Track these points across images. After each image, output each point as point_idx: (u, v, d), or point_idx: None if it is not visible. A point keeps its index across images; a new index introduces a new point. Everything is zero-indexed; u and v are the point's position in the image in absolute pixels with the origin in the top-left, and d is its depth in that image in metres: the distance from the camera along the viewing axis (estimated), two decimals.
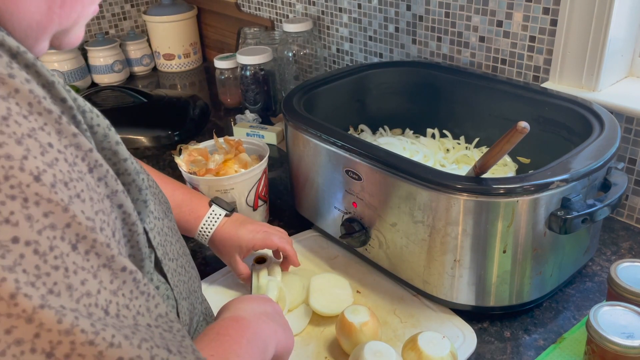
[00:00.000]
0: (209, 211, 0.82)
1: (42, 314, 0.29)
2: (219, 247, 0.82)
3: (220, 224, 0.82)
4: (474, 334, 0.72)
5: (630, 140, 0.91)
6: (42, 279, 0.30)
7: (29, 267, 0.30)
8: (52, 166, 0.32)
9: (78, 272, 0.32)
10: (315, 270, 0.87)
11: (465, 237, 0.70)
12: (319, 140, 0.83)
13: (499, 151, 0.68)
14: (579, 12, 0.90)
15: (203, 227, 0.81)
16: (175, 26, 1.82)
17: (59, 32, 0.41)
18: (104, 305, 0.33)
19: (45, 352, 0.30)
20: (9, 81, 0.31)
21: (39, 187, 0.31)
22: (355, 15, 1.33)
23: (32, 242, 0.30)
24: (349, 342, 0.69)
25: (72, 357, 0.30)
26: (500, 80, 0.97)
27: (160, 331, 0.37)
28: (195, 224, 0.82)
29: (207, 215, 0.82)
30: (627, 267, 0.70)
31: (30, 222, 0.30)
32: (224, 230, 0.81)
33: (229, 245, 0.81)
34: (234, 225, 0.82)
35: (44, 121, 0.32)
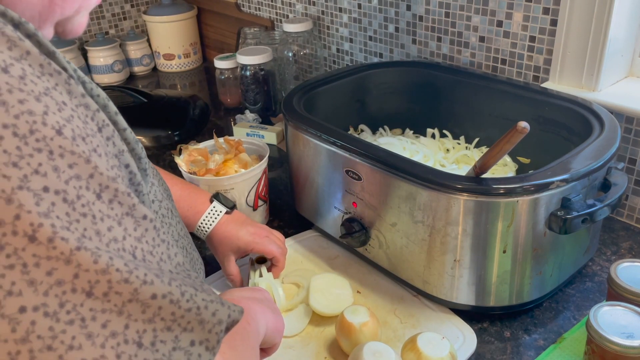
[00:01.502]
0: (209, 207, 0.82)
1: (79, 256, 0.31)
2: (216, 244, 0.82)
3: (220, 222, 0.81)
4: (474, 335, 0.72)
5: (630, 140, 0.91)
6: (74, 225, 0.32)
7: (61, 214, 0.31)
8: (70, 122, 0.33)
9: (104, 220, 0.34)
10: (315, 271, 0.87)
11: (465, 237, 0.70)
12: (319, 140, 0.83)
13: (499, 151, 0.68)
14: (579, 12, 0.90)
15: (202, 223, 0.81)
16: (175, 26, 1.82)
17: (62, 20, 0.41)
18: (131, 251, 0.35)
19: (86, 292, 0.31)
20: (21, 44, 0.32)
21: (61, 140, 0.32)
22: (355, 15, 1.33)
23: (61, 191, 0.32)
24: (349, 342, 0.69)
25: (110, 294, 0.32)
26: (500, 80, 0.97)
27: (182, 276, 0.39)
28: (195, 219, 0.81)
29: (207, 211, 0.81)
30: (627, 267, 0.70)
31: (57, 172, 0.32)
32: (224, 228, 0.81)
33: (226, 244, 0.81)
34: (234, 225, 0.82)
35: (55, 82, 0.34)
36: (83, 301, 0.31)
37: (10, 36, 0.32)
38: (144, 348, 0.34)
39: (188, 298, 0.37)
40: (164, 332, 0.35)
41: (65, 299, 0.31)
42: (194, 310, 0.37)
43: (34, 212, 0.30)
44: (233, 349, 0.46)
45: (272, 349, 0.61)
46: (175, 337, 0.36)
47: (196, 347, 0.37)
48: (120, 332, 0.33)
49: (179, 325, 0.36)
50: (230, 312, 0.41)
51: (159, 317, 0.35)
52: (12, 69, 0.31)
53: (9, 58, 0.32)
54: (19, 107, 0.31)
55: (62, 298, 0.31)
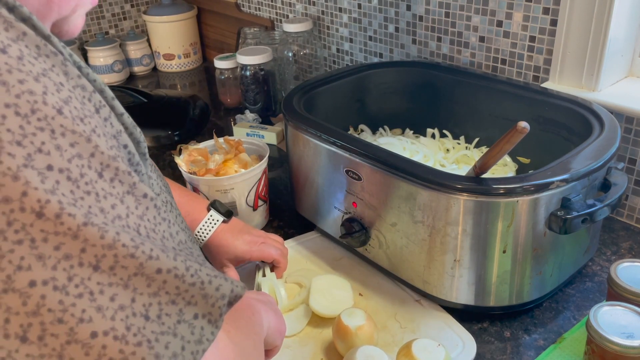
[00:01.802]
0: (206, 216, 0.81)
1: (86, 231, 0.32)
2: (213, 253, 0.82)
3: (216, 231, 0.81)
4: (474, 343, 0.72)
5: (630, 140, 0.91)
6: (80, 202, 0.32)
7: (66, 191, 0.32)
8: (68, 103, 0.34)
9: (107, 197, 0.34)
10: (318, 272, 0.86)
11: (465, 237, 0.70)
12: (319, 140, 0.83)
13: (499, 151, 0.68)
14: (579, 12, 0.90)
15: (199, 232, 0.81)
16: (175, 26, 1.82)
17: (59, 21, 0.41)
18: (135, 227, 0.35)
19: (92, 265, 0.32)
20: (17, 25, 0.33)
21: (62, 119, 0.33)
22: (355, 15, 1.33)
23: (65, 170, 0.32)
24: (344, 345, 0.69)
25: (116, 269, 0.33)
26: (500, 80, 0.97)
27: (185, 253, 0.39)
28: (192, 226, 0.81)
29: (204, 220, 0.81)
30: (627, 267, 0.70)
31: (60, 151, 0.32)
32: (220, 237, 0.81)
33: (223, 252, 0.81)
34: (231, 234, 0.81)
35: (52, 63, 0.34)
36: (90, 275, 0.32)
37: (7, 17, 0.32)
38: (151, 321, 0.34)
39: (192, 273, 0.37)
40: (168, 305, 0.36)
41: (74, 273, 0.31)
42: (198, 284, 0.38)
43: (40, 189, 0.30)
44: (238, 329, 0.46)
45: (273, 351, 0.60)
46: (180, 311, 0.36)
47: (199, 320, 0.38)
48: (127, 305, 0.33)
49: (183, 299, 0.37)
50: (233, 287, 0.41)
51: (164, 291, 0.35)
52: (10, 49, 0.32)
53: (6, 39, 0.32)
54: (20, 87, 0.31)
55: (70, 272, 0.31)
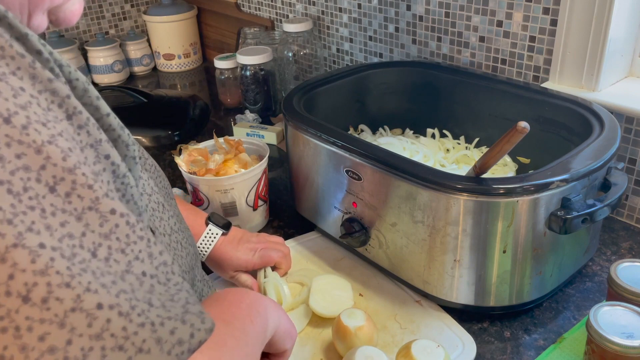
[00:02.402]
0: (205, 230, 0.81)
1: (14, 253, 0.29)
2: (216, 266, 0.82)
3: (217, 244, 0.81)
4: (474, 344, 0.72)
5: (630, 140, 0.91)
6: (20, 217, 0.30)
7: (5, 204, 0.29)
8: (26, 108, 0.31)
9: (57, 214, 0.31)
10: (319, 273, 0.86)
11: (465, 237, 0.70)
12: (319, 140, 0.83)
13: (499, 151, 0.68)
14: (579, 12, 0.90)
15: (200, 247, 0.81)
16: (175, 26, 1.82)
17: (54, 9, 0.40)
18: (91, 248, 0.32)
19: (22, 296, 0.29)
20: None
21: (9, 129, 0.30)
22: (355, 15, 1.33)
23: (5, 182, 0.30)
24: (344, 345, 0.69)
25: (49, 301, 0.30)
26: (500, 80, 0.97)
27: (153, 282, 0.35)
28: None
29: (203, 235, 0.81)
30: (627, 267, 0.70)
31: (2, 162, 0.30)
32: (221, 250, 0.81)
33: (226, 265, 0.81)
34: (231, 245, 0.81)
35: (17, 65, 0.32)
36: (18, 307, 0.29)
37: None
38: None
39: (139, 312, 0.33)
40: (114, 352, 0.31)
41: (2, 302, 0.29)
42: (148, 325, 0.33)
43: None
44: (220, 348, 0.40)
45: (282, 356, 0.55)
46: None
47: None
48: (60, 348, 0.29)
49: (133, 344, 0.32)
50: (193, 330, 0.36)
51: (108, 333, 0.31)
52: None
53: None
54: None
55: None
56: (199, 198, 0.94)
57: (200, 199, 0.94)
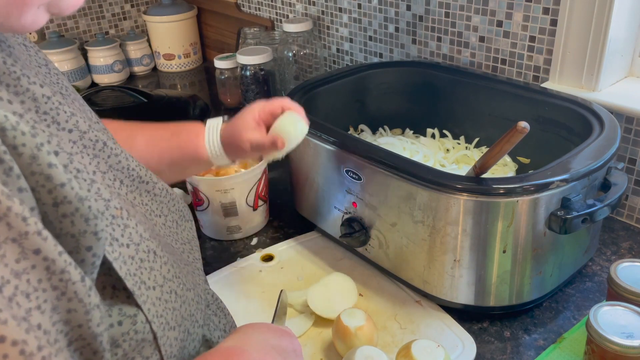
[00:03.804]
0: (206, 125, 0.76)
1: None
2: (233, 143, 0.74)
3: (222, 130, 0.75)
4: (474, 344, 0.72)
5: (630, 140, 0.91)
6: None
7: None
8: None
9: None
10: (319, 273, 0.86)
11: (465, 237, 0.70)
12: (319, 140, 0.83)
13: (499, 151, 0.68)
14: (579, 12, 0.90)
15: (209, 145, 0.74)
16: (175, 26, 1.82)
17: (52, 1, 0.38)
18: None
19: None
20: None
21: None
22: (355, 15, 1.33)
23: None
24: (344, 345, 0.69)
25: None
26: (500, 80, 0.97)
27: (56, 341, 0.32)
28: (198, 142, 0.74)
29: (206, 134, 0.75)
30: (627, 267, 0.70)
31: None
32: (229, 128, 0.75)
33: (240, 128, 0.73)
34: (233, 120, 0.76)
35: None
36: None
37: None
38: None
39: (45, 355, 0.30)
40: None
41: None
42: None
43: None
44: None
45: None
46: None
47: None
48: None
49: None
50: None
51: None
52: None
53: None
54: None
55: None
56: (199, 198, 0.94)
57: (200, 199, 0.94)
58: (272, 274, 0.88)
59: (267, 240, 0.97)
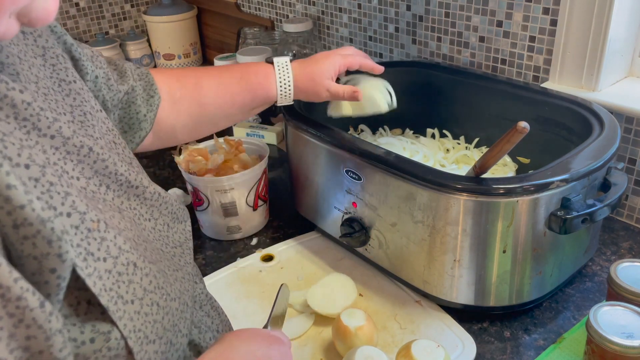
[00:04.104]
0: (275, 65, 0.80)
1: None
2: (308, 88, 0.81)
3: (294, 72, 0.80)
4: (474, 345, 0.72)
5: (630, 140, 0.91)
6: None
7: None
8: None
9: None
10: (319, 273, 0.86)
11: (465, 237, 0.70)
12: (319, 140, 0.83)
13: (499, 151, 0.68)
14: (579, 12, 0.90)
15: (281, 83, 0.79)
16: (175, 26, 1.82)
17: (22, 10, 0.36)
18: None
19: None
20: None
21: None
22: (355, 15, 1.33)
23: None
24: (344, 345, 0.69)
25: None
26: (500, 80, 0.97)
27: None
28: (268, 84, 0.79)
29: (277, 73, 0.79)
30: (627, 267, 0.70)
31: None
32: (303, 73, 0.80)
33: (318, 78, 0.80)
34: (308, 65, 0.81)
35: None
36: None
37: None
38: None
39: None
40: None
41: None
42: None
43: None
44: None
45: None
46: None
47: None
48: None
49: None
50: None
51: None
52: None
53: None
54: None
55: None
56: (199, 198, 0.94)
57: (200, 199, 0.94)
58: (272, 274, 0.88)
59: (267, 240, 0.97)
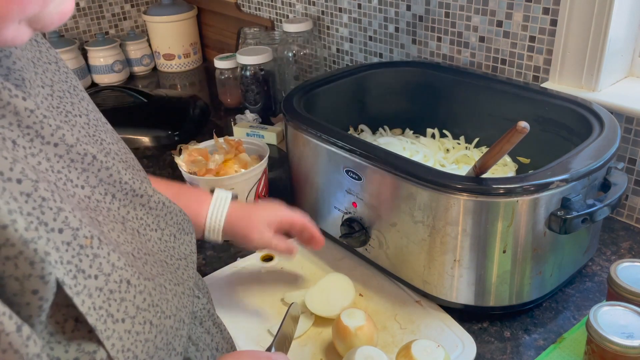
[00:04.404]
0: (214, 195, 0.75)
1: None
2: (239, 228, 0.75)
3: (230, 208, 0.75)
4: (474, 345, 0.72)
5: (630, 140, 0.91)
6: None
7: None
8: None
9: None
10: (319, 273, 0.86)
11: (465, 237, 0.70)
12: (319, 140, 0.83)
13: (499, 151, 0.68)
14: (579, 12, 0.90)
15: (213, 214, 0.74)
16: (175, 26, 1.82)
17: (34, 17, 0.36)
18: None
19: None
20: None
21: None
22: (355, 15, 1.33)
23: None
24: (344, 345, 0.69)
25: None
26: (500, 80, 0.97)
27: None
28: (200, 210, 0.74)
29: (213, 201, 0.75)
30: (627, 267, 0.70)
31: None
32: (239, 211, 0.75)
33: (255, 221, 0.74)
34: (247, 206, 0.78)
35: None
36: None
37: None
38: None
39: None
40: None
41: None
42: None
43: None
44: None
45: None
46: None
47: None
48: None
49: None
50: None
51: None
52: None
53: None
54: None
55: None
56: None
57: None
58: (272, 274, 0.88)
59: None
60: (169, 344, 0.47)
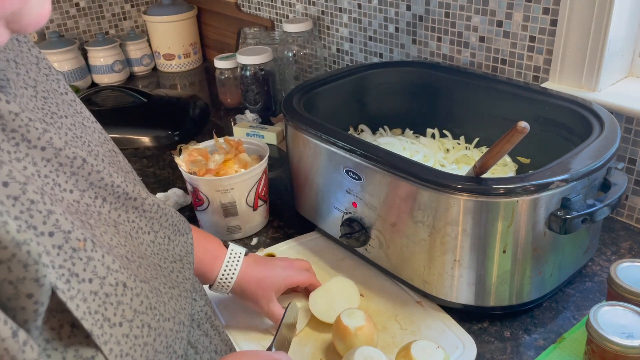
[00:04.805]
0: (227, 251, 0.75)
1: None
2: (248, 292, 0.75)
3: (244, 265, 0.75)
4: (474, 346, 0.72)
5: (630, 140, 0.91)
6: None
7: None
8: None
9: None
10: (319, 273, 0.86)
11: (465, 237, 0.70)
12: (319, 140, 0.83)
13: (499, 151, 0.68)
14: (579, 12, 0.90)
15: (225, 270, 0.74)
16: (175, 26, 1.82)
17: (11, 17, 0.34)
18: None
19: None
20: None
21: None
22: (355, 15, 1.33)
23: None
24: (344, 345, 0.69)
25: None
26: (500, 80, 0.97)
27: None
28: (214, 265, 0.74)
29: (227, 257, 0.74)
30: (627, 267, 0.70)
31: None
32: (255, 271, 0.75)
33: (267, 284, 0.75)
34: (262, 266, 0.76)
35: None
36: None
37: None
38: None
39: None
40: None
41: None
42: None
43: None
44: None
45: None
46: None
47: None
48: None
49: None
50: None
51: None
52: None
53: None
54: None
55: None
56: (199, 198, 0.94)
57: (200, 199, 0.94)
58: None
59: (267, 240, 0.97)
60: (169, 347, 0.47)
